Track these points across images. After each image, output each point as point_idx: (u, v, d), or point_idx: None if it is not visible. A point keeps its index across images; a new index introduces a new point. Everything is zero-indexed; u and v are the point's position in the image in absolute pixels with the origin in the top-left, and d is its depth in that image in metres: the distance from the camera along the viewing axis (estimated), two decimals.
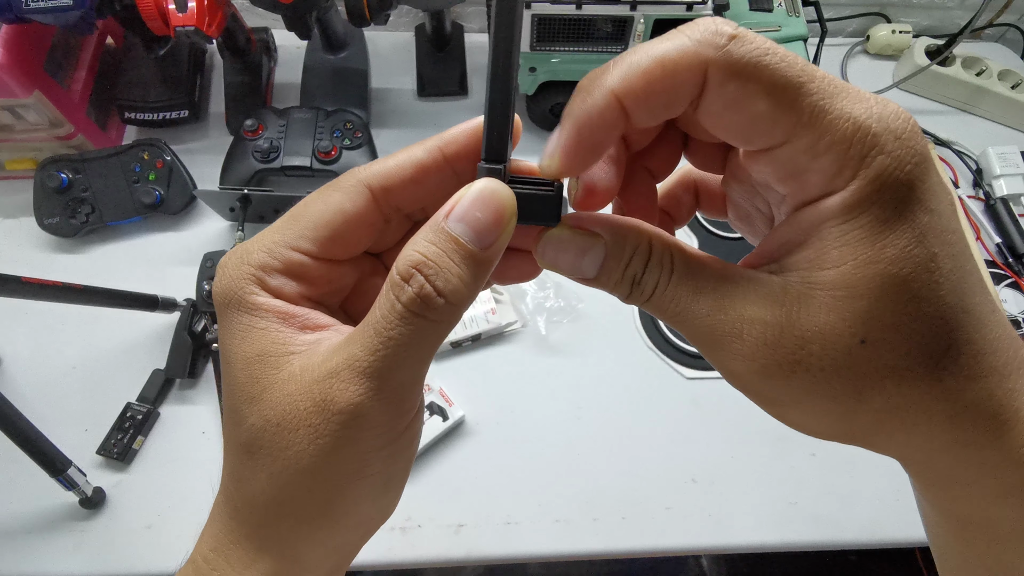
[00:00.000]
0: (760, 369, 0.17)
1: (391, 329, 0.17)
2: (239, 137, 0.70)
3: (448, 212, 0.18)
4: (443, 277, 0.17)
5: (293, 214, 0.20)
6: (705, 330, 0.18)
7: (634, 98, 0.17)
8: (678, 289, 0.19)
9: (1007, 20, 0.95)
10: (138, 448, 0.59)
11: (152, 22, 0.61)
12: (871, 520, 0.59)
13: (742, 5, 0.74)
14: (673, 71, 0.16)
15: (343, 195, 0.20)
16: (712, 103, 0.17)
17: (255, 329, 0.19)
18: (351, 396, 0.17)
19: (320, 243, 0.20)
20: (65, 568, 0.54)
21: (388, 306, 0.18)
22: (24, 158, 0.70)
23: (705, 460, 0.61)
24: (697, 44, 0.16)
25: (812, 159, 0.16)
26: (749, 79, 0.16)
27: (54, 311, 0.57)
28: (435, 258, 0.18)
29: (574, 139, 0.18)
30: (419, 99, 0.82)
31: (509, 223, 0.18)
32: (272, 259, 0.19)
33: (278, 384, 0.18)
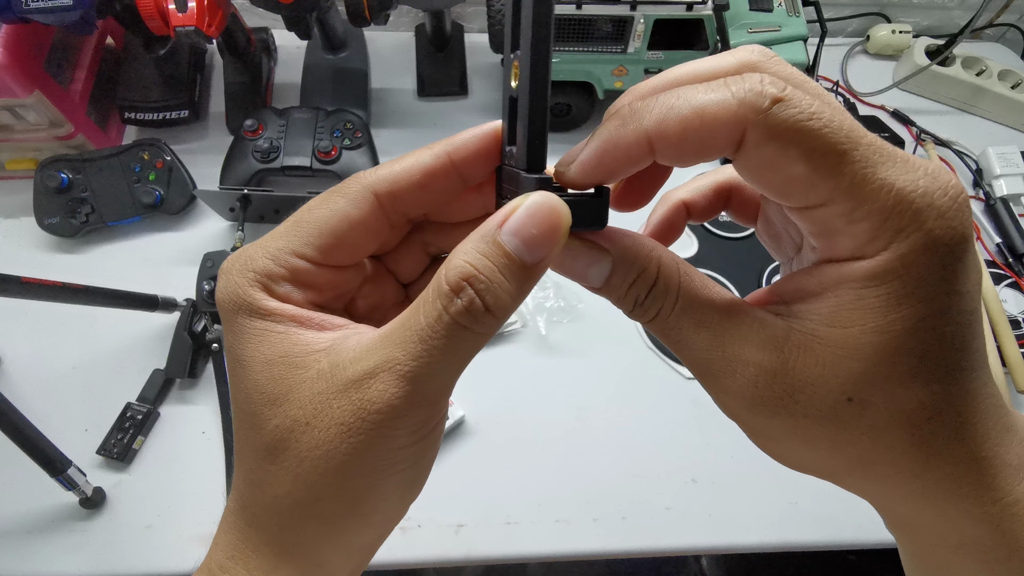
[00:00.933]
0: (748, 406, 0.18)
1: (436, 338, 0.17)
2: (239, 137, 0.70)
3: (502, 222, 0.18)
4: (493, 292, 0.17)
5: (297, 220, 0.20)
6: (701, 362, 0.19)
7: (666, 143, 0.17)
8: (680, 319, 0.19)
9: (1007, 20, 0.95)
10: (138, 448, 0.59)
11: (152, 22, 0.61)
12: (871, 520, 0.59)
13: (742, 5, 0.74)
14: (711, 126, 0.16)
15: (348, 201, 0.20)
16: (748, 160, 0.17)
17: (272, 333, 0.19)
18: (390, 398, 0.17)
19: (324, 250, 0.20)
20: (65, 568, 0.54)
21: (435, 315, 0.17)
22: (24, 158, 0.70)
23: (705, 460, 0.61)
24: (739, 103, 0.16)
25: (847, 224, 0.16)
26: (788, 143, 0.16)
27: (54, 311, 0.57)
28: (487, 272, 0.17)
29: (596, 160, 0.18)
30: (419, 99, 0.82)
31: (563, 238, 0.18)
32: (277, 266, 0.19)
33: (306, 383, 0.18)
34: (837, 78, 0.89)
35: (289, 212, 0.73)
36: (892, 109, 0.87)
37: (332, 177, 0.70)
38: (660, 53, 0.70)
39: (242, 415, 0.20)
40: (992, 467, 0.17)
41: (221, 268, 0.20)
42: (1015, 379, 0.64)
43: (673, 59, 0.71)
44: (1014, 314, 0.71)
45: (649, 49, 0.70)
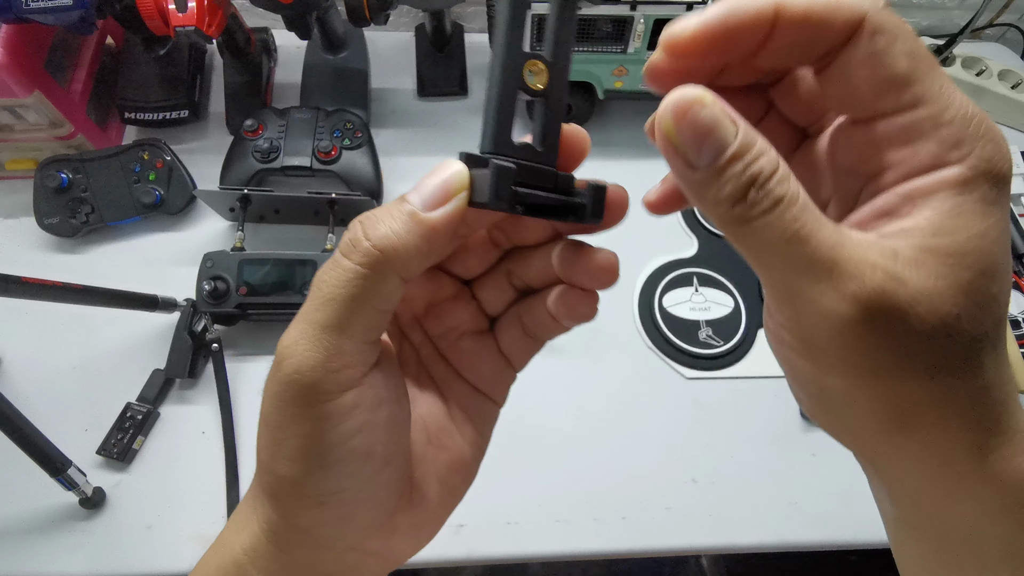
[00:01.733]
0: (866, 318, 0.16)
1: (323, 274, 0.19)
2: (239, 137, 0.70)
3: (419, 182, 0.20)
4: (374, 225, 0.19)
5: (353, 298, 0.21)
6: (822, 262, 0.16)
7: (792, 18, 0.17)
8: (805, 211, 0.16)
9: (1007, 20, 0.95)
10: (138, 448, 0.59)
11: (152, 22, 0.61)
12: (872, 520, 0.59)
13: None
14: (836, 6, 0.17)
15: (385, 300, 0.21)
16: (856, 54, 0.17)
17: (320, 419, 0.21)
18: (286, 339, 0.19)
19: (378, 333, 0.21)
20: (65, 568, 0.54)
21: (332, 255, 0.19)
22: (24, 158, 0.70)
23: (705, 460, 0.61)
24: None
25: (935, 128, 0.17)
26: (897, 38, 0.17)
27: (54, 311, 0.57)
28: (379, 212, 0.19)
29: (720, 24, 0.17)
30: (419, 99, 0.82)
31: (456, 191, 0.19)
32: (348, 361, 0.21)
33: None
34: None
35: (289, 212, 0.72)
36: None
37: (332, 177, 0.70)
38: None
39: None
40: None
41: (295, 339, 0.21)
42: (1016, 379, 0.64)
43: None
44: (1014, 314, 0.71)
45: (649, 49, 0.70)
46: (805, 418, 0.64)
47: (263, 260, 0.62)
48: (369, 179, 0.70)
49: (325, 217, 0.67)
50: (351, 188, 0.69)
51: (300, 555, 0.21)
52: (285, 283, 0.61)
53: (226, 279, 0.61)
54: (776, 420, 0.64)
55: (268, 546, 0.21)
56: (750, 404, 0.64)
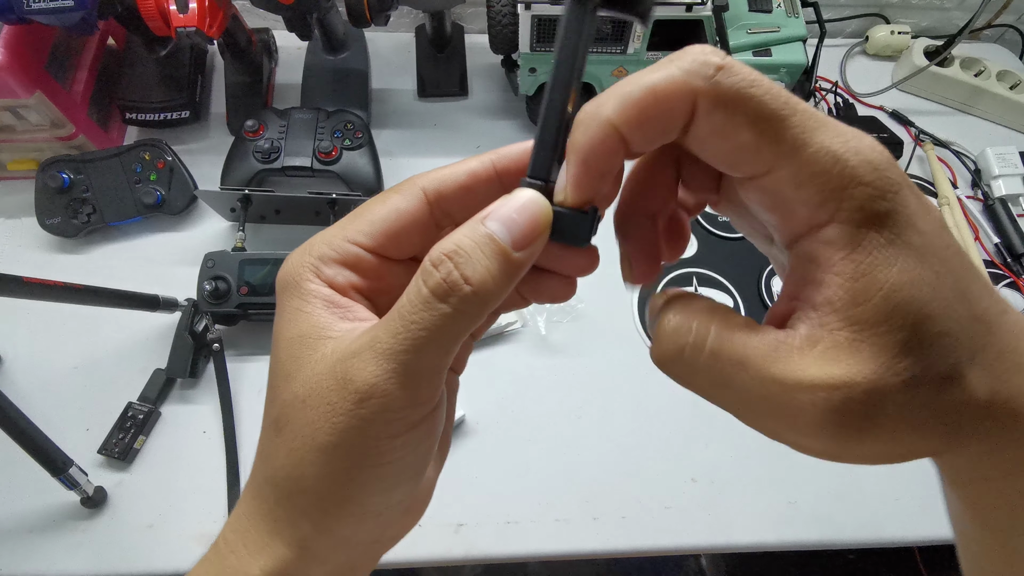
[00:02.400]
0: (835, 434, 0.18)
1: (414, 313, 0.18)
2: (240, 137, 0.70)
3: (487, 214, 0.19)
4: (472, 266, 0.18)
5: (355, 212, 0.22)
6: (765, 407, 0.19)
7: (630, 126, 0.17)
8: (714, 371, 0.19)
9: (1005, 21, 0.95)
10: (139, 448, 0.59)
11: (153, 23, 0.61)
12: (870, 520, 0.59)
13: (741, 6, 0.74)
14: (664, 99, 0.17)
15: (400, 196, 0.21)
16: (700, 130, 0.17)
17: (302, 312, 0.20)
18: (368, 376, 0.18)
19: (375, 237, 0.21)
20: (66, 567, 0.54)
21: (415, 291, 0.18)
22: (25, 159, 0.70)
23: (705, 460, 0.61)
24: (686, 74, 0.17)
25: (795, 189, 0.17)
26: (734, 109, 0.17)
27: (55, 311, 0.57)
28: (467, 248, 0.18)
29: (582, 170, 0.18)
30: (419, 100, 0.83)
31: (543, 233, 0.19)
32: (330, 250, 0.21)
33: (310, 363, 0.19)
34: (836, 79, 0.89)
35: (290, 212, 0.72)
36: (891, 110, 0.87)
37: (333, 177, 0.70)
38: (660, 54, 0.70)
39: (268, 387, 0.21)
40: None
41: (292, 254, 0.22)
42: None
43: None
44: None
45: (649, 50, 0.70)
46: None
47: (264, 260, 0.62)
48: (370, 179, 0.70)
49: (326, 217, 0.67)
50: (352, 188, 0.70)
51: (337, 559, 0.21)
52: None
53: (227, 279, 0.61)
54: None
55: (298, 564, 0.20)
56: None
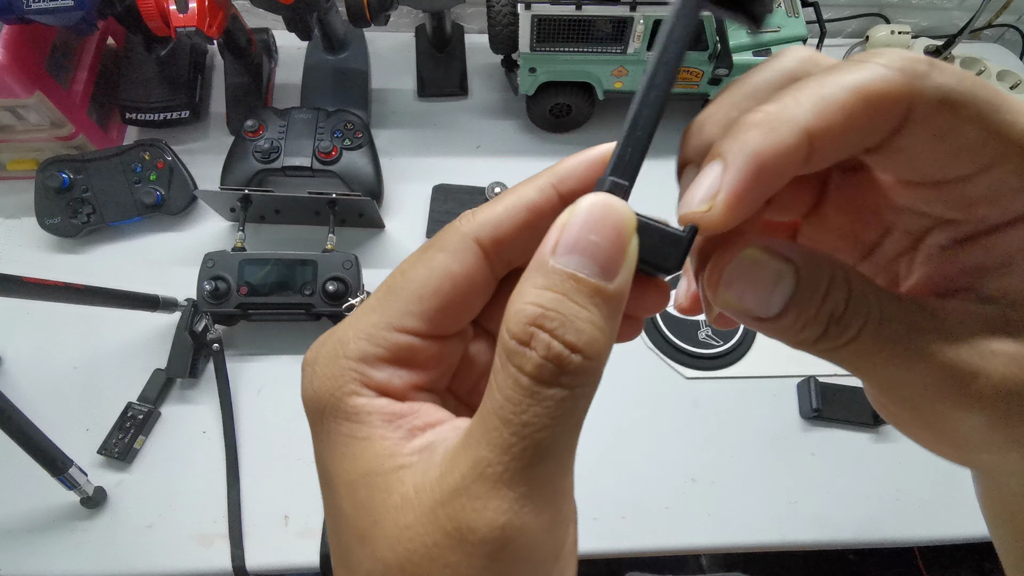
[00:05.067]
0: (1000, 413, 0.15)
1: (522, 413, 0.13)
2: (240, 137, 0.70)
3: (554, 245, 0.14)
4: (573, 327, 0.14)
5: (391, 286, 0.17)
6: (936, 373, 0.15)
7: (830, 135, 0.14)
8: (894, 327, 0.15)
9: (1006, 21, 0.95)
10: (139, 448, 0.59)
11: (153, 23, 0.61)
12: (871, 520, 0.59)
13: None
14: (878, 104, 0.14)
15: (448, 255, 0.17)
16: (915, 136, 0.15)
17: (356, 440, 0.15)
18: (493, 516, 0.13)
19: (429, 317, 0.16)
20: (66, 568, 0.54)
21: (511, 383, 0.14)
22: (25, 158, 0.70)
23: (705, 460, 0.61)
24: (903, 73, 0.14)
25: (1019, 180, 0.15)
26: (958, 107, 0.14)
27: (55, 311, 0.57)
28: (555, 305, 0.14)
29: (750, 181, 0.14)
30: (419, 100, 0.82)
31: (632, 244, 0.15)
32: (374, 346, 0.16)
33: (391, 513, 0.14)
34: None
35: (290, 212, 0.72)
36: None
37: (332, 177, 0.70)
38: None
39: (336, 547, 0.16)
40: None
41: (306, 359, 0.17)
42: None
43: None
44: None
45: (649, 50, 0.70)
46: (805, 418, 0.64)
47: (264, 260, 0.62)
48: (369, 179, 0.70)
49: (326, 217, 0.67)
50: (351, 188, 0.70)
51: None
52: (286, 283, 0.61)
53: (227, 279, 0.61)
54: (776, 420, 0.64)
55: None
56: (750, 404, 0.65)
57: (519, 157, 0.78)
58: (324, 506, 0.17)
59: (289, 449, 0.60)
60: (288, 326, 0.65)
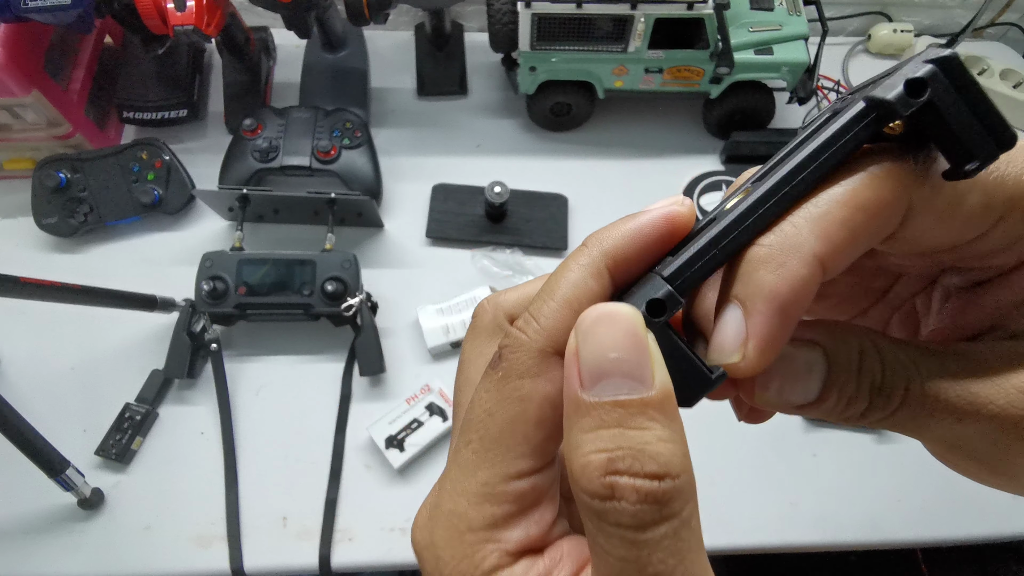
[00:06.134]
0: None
1: (646, 567, 0.12)
2: (238, 136, 0.70)
3: (578, 380, 0.13)
4: (646, 455, 0.13)
5: (485, 435, 0.15)
6: (995, 423, 0.14)
7: (837, 255, 0.14)
8: (937, 383, 0.14)
9: (1008, 19, 0.95)
10: (137, 449, 0.59)
11: (151, 21, 0.61)
12: (871, 520, 0.59)
13: (743, 4, 0.74)
14: (877, 209, 0.14)
15: (542, 381, 0.15)
16: (920, 223, 0.14)
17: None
18: None
19: (541, 451, 0.15)
20: (64, 569, 0.54)
21: (618, 543, 0.13)
22: (22, 158, 0.70)
23: (706, 461, 0.61)
24: (898, 179, 0.14)
25: None
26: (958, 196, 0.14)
27: (52, 311, 0.57)
28: (619, 443, 0.13)
29: (777, 322, 0.14)
30: (419, 98, 0.82)
31: (651, 340, 0.14)
32: (499, 506, 0.15)
33: None
34: (838, 77, 0.89)
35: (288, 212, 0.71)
36: None
37: (331, 176, 0.69)
38: (661, 52, 0.70)
39: None
40: None
41: (418, 543, 0.15)
42: None
43: (673, 58, 0.71)
44: None
45: (650, 48, 0.69)
46: (806, 419, 0.64)
47: (262, 260, 0.62)
48: (368, 179, 0.70)
49: (324, 217, 0.66)
50: (350, 188, 0.69)
51: None
52: (284, 283, 0.61)
53: (225, 279, 0.60)
54: (776, 420, 0.63)
55: None
56: None
57: (519, 156, 0.78)
58: None
59: (288, 450, 0.60)
60: (287, 326, 0.65)
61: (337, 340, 0.64)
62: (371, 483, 0.59)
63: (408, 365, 0.65)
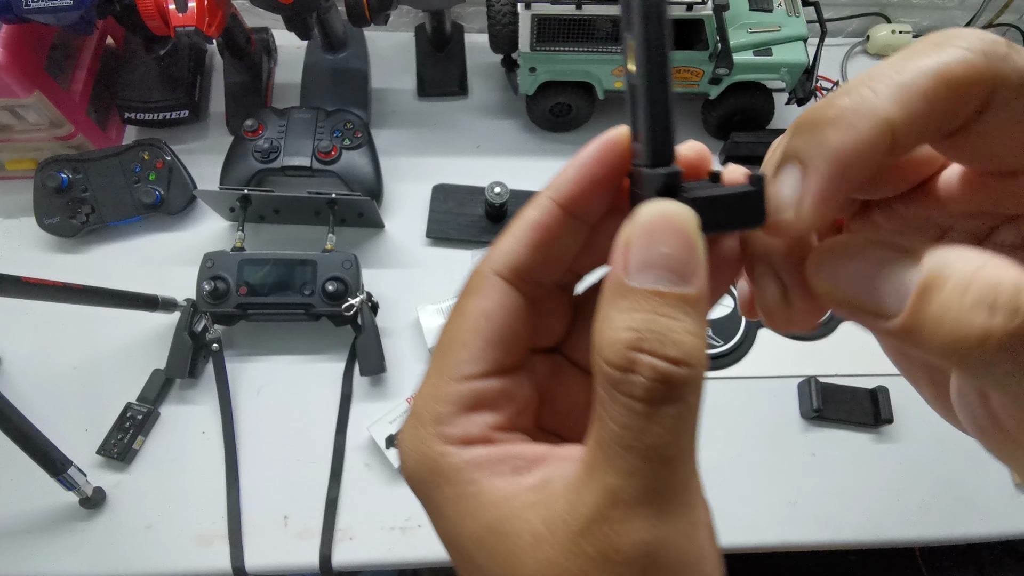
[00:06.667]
0: None
1: (644, 437, 0.14)
2: (239, 137, 0.70)
3: (625, 264, 0.14)
4: (671, 341, 0.14)
5: (439, 347, 0.17)
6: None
7: (913, 124, 0.14)
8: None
9: (1007, 20, 0.95)
10: (138, 448, 0.59)
11: (152, 22, 0.61)
12: (871, 520, 0.59)
13: (742, 5, 0.74)
14: (960, 89, 0.13)
15: (477, 296, 0.17)
16: (996, 119, 0.14)
17: (466, 498, 0.16)
18: (635, 535, 0.14)
19: (479, 358, 0.17)
20: (65, 568, 0.54)
21: (624, 412, 0.14)
22: (24, 158, 0.70)
23: (706, 460, 0.60)
24: (983, 56, 0.13)
25: None
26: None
27: (54, 311, 0.57)
28: (647, 325, 0.14)
29: (837, 183, 0.14)
30: (419, 99, 0.82)
31: (699, 242, 0.15)
32: (442, 404, 0.16)
33: (528, 552, 0.14)
34: (837, 78, 0.89)
35: (289, 212, 0.72)
36: None
37: (332, 177, 0.70)
38: None
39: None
40: None
41: (398, 439, 0.18)
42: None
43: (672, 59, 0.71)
44: None
45: None
46: (805, 418, 0.64)
47: (263, 260, 0.62)
48: (369, 179, 0.70)
49: (325, 217, 0.67)
50: (351, 188, 0.70)
51: None
52: (285, 283, 0.61)
53: (226, 279, 0.61)
54: (776, 420, 0.64)
55: None
56: (750, 404, 0.64)
57: (519, 157, 0.78)
58: (457, 569, 0.17)
59: (289, 450, 0.60)
60: (288, 326, 0.65)
61: (338, 340, 0.65)
62: (372, 482, 0.59)
63: (408, 365, 0.65)
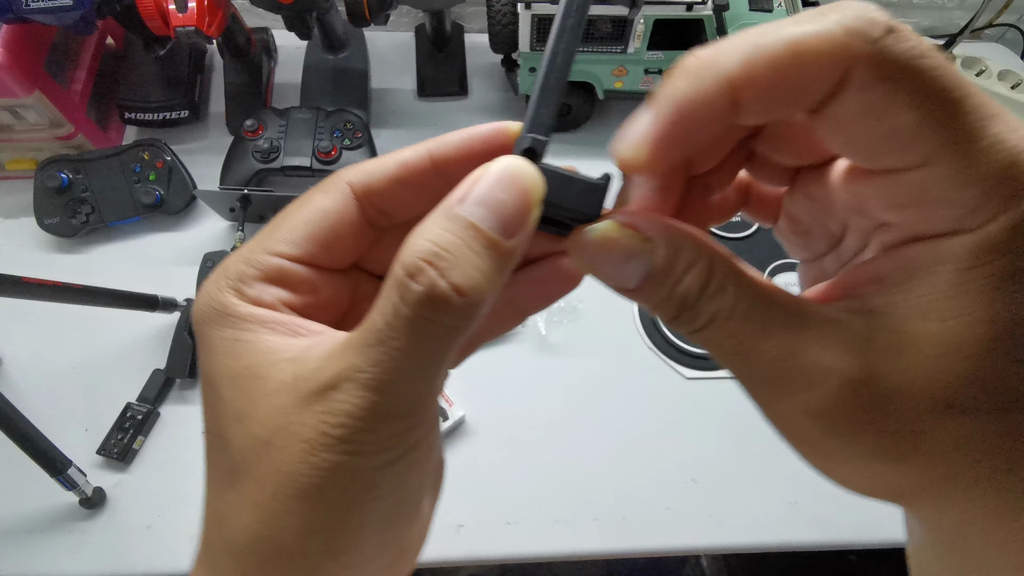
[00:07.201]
0: (826, 425, 0.15)
1: (396, 339, 0.14)
2: (239, 137, 0.70)
3: (464, 195, 0.15)
4: (462, 270, 0.14)
5: (274, 221, 0.18)
6: (767, 376, 0.16)
7: (754, 89, 0.14)
8: (742, 324, 0.15)
9: (1007, 20, 0.95)
10: (138, 448, 0.59)
11: (152, 22, 0.61)
12: (871, 520, 0.59)
13: (742, 5, 0.74)
14: (810, 61, 0.13)
15: (323, 195, 0.18)
16: (846, 107, 0.14)
17: (240, 342, 0.17)
18: (351, 409, 0.15)
19: (299, 245, 0.18)
20: (65, 568, 0.54)
21: (391, 310, 0.15)
22: (24, 158, 0.70)
23: (705, 460, 0.61)
24: (846, 32, 0.13)
25: (950, 189, 0.14)
26: (901, 85, 0.13)
27: (54, 311, 0.57)
28: (450, 247, 0.14)
29: (672, 127, 0.14)
30: (419, 99, 0.82)
31: (536, 205, 0.16)
32: (249, 267, 0.17)
33: (268, 396, 0.16)
34: None
35: None
36: None
37: None
38: (660, 53, 0.70)
39: (210, 436, 0.17)
40: None
41: (202, 284, 0.19)
42: None
43: (673, 59, 0.71)
44: None
45: (649, 49, 0.70)
46: None
47: None
48: None
49: None
50: None
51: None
52: None
53: None
54: None
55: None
56: (750, 404, 0.64)
57: None
58: (204, 404, 0.17)
59: None
60: None
61: None
62: None
63: None
